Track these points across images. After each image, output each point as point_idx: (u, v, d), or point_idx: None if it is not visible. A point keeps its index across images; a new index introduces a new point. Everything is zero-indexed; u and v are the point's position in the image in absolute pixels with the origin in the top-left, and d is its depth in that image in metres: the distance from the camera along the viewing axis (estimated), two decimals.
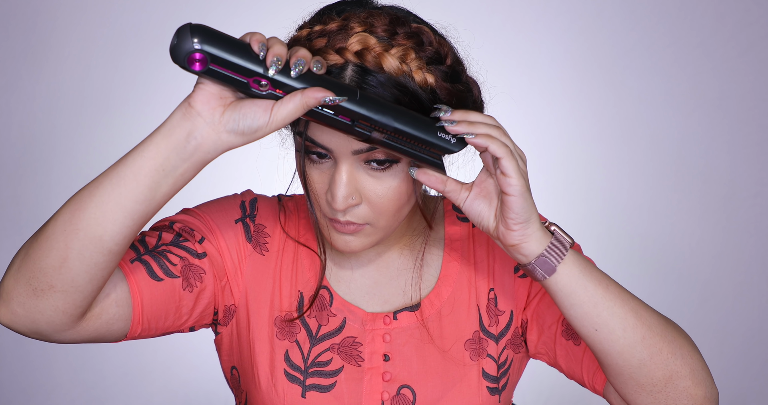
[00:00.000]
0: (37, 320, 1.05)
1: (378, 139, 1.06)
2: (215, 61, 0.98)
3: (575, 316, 1.11)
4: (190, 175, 1.03)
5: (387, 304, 1.26)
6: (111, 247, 1.03)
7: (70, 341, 1.10)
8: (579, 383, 1.25)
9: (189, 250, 1.18)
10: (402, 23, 1.11)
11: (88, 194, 1.02)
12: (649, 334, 1.11)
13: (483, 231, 1.12)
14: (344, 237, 1.15)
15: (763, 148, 2.70)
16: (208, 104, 1.01)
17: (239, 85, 1.00)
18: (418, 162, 1.10)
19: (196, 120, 1.01)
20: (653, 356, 1.11)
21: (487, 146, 1.06)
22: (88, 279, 1.04)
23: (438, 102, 1.11)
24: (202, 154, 1.02)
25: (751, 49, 2.67)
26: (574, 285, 1.10)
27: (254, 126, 1.01)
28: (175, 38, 0.97)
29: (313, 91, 1.01)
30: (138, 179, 1.01)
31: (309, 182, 1.14)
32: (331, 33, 1.10)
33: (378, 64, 1.07)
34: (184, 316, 1.18)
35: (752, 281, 2.73)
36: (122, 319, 1.12)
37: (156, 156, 1.01)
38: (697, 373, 1.12)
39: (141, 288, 1.13)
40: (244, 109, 1.01)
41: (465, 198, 1.11)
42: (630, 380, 1.12)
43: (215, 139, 1.01)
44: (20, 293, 1.04)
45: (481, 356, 1.25)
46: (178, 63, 0.98)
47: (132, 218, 1.03)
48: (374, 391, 1.22)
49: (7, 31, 2.56)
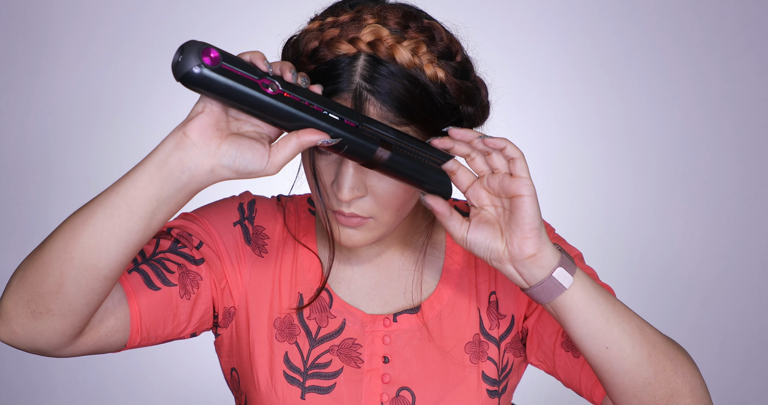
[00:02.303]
0: (36, 340, 1.06)
1: (380, 162, 1.06)
2: (227, 59, 0.97)
3: (587, 334, 1.08)
4: (184, 202, 1.02)
5: (387, 305, 1.26)
6: (106, 273, 1.03)
7: (70, 356, 1.10)
8: (576, 392, 1.24)
9: (186, 256, 1.18)
10: (414, 18, 1.12)
11: (82, 223, 1.01)
12: (654, 351, 1.10)
13: (492, 259, 1.09)
14: (347, 231, 1.15)
15: (763, 148, 2.70)
16: (204, 134, 0.99)
17: (248, 85, 0.98)
18: (421, 189, 1.10)
19: (191, 150, 0.99)
20: (658, 374, 1.10)
21: (505, 146, 1.06)
22: (84, 303, 1.04)
23: (447, 97, 1.11)
24: (196, 184, 1.00)
25: (751, 49, 2.67)
26: (589, 298, 1.08)
27: (249, 168, 1.00)
28: (179, 52, 0.96)
29: (307, 134, 1.00)
30: (132, 210, 1.00)
31: (316, 172, 1.14)
32: (344, 24, 1.10)
33: (390, 55, 1.08)
34: (182, 324, 1.18)
35: (752, 281, 2.73)
36: (121, 330, 1.12)
37: (150, 186, 0.99)
38: (696, 391, 1.12)
39: (139, 298, 1.13)
40: (243, 149, 1.00)
41: (466, 229, 1.09)
42: (633, 399, 1.11)
43: (208, 170, 0.99)
44: (19, 314, 1.04)
45: (481, 359, 1.24)
46: (189, 63, 0.95)
47: (127, 247, 1.02)
48: (373, 393, 1.22)
49: (7, 31, 2.55)
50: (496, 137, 1.07)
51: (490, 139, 1.06)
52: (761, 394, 2.73)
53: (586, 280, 1.08)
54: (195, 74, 0.95)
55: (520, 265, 1.07)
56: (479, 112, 1.17)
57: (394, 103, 1.07)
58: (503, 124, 1.28)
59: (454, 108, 1.13)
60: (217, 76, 0.96)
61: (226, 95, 0.97)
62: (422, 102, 1.09)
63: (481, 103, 1.17)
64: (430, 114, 1.10)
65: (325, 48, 1.09)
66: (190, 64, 0.95)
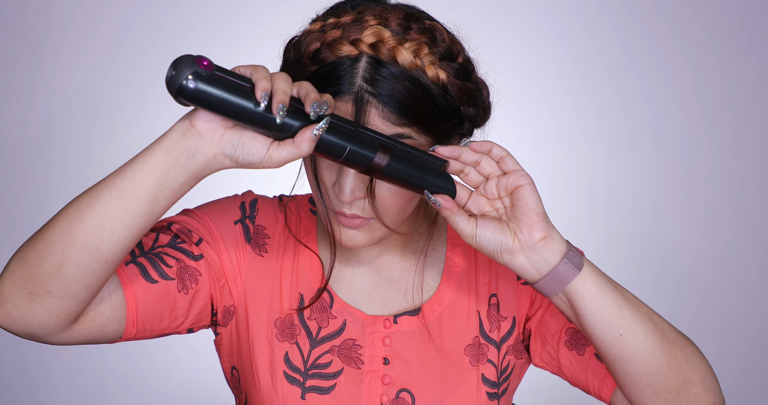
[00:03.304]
0: (30, 323, 1.05)
1: (380, 168, 1.06)
2: (219, 70, 0.98)
3: (601, 321, 1.09)
4: (188, 188, 1.04)
5: (387, 306, 1.26)
6: (108, 256, 1.03)
7: (63, 343, 1.10)
8: (584, 391, 1.24)
9: (185, 251, 1.18)
10: (416, 19, 1.12)
11: (87, 204, 1.02)
12: (665, 339, 1.11)
13: (503, 252, 1.09)
14: (349, 231, 1.15)
15: (763, 148, 2.70)
16: (210, 124, 1.01)
17: (241, 93, 0.98)
18: (423, 194, 1.10)
19: (197, 139, 1.00)
20: (670, 362, 1.10)
21: (491, 148, 1.09)
22: (84, 286, 1.04)
23: (449, 99, 1.11)
24: (199, 171, 1.02)
25: (751, 49, 2.67)
26: (600, 284, 1.09)
27: (248, 159, 1.01)
28: (172, 67, 0.97)
29: (303, 133, 1.00)
30: (138, 193, 1.01)
31: (318, 173, 1.14)
32: (345, 25, 1.10)
33: (392, 57, 1.08)
34: (179, 318, 1.18)
35: (752, 281, 2.73)
36: (116, 321, 1.12)
37: (155, 171, 1.01)
38: (706, 379, 1.13)
39: (135, 291, 1.13)
40: (244, 139, 1.01)
41: (474, 225, 1.10)
42: (647, 388, 1.12)
43: (211, 158, 1.01)
44: (16, 295, 1.04)
45: (480, 361, 1.24)
46: (182, 73, 0.95)
47: (131, 230, 1.03)
48: (373, 394, 1.22)
49: (7, 31, 2.55)
50: (479, 141, 1.10)
51: (476, 143, 1.09)
52: (761, 394, 2.73)
53: (594, 266, 1.10)
54: (189, 83, 0.96)
55: (531, 252, 1.08)
56: (480, 113, 1.17)
57: (396, 105, 1.07)
58: (504, 125, 1.28)
59: (455, 109, 1.13)
60: (211, 85, 0.97)
61: (221, 104, 0.97)
62: (424, 104, 1.09)
63: (482, 104, 1.17)
64: (431, 115, 1.10)
65: (326, 49, 1.09)
66: (184, 73, 0.96)
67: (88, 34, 2.59)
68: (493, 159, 1.10)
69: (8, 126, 2.58)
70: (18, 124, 2.59)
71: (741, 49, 2.67)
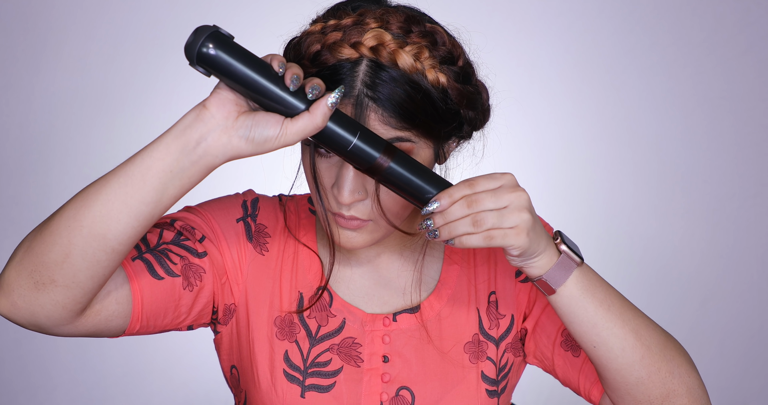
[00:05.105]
0: (37, 313, 1.05)
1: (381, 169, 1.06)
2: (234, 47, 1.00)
3: (575, 332, 1.12)
4: (197, 178, 1.03)
5: (386, 305, 1.26)
6: (114, 245, 1.03)
7: (68, 335, 1.10)
8: (574, 391, 1.25)
9: (189, 249, 1.18)
10: (416, 22, 1.12)
11: (95, 192, 1.02)
12: (648, 354, 1.11)
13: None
14: (347, 233, 1.15)
15: (763, 148, 2.70)
16: (224, 107, 1.01)
17: (256, 61, 0.99)
18: (420, 204, 1.09)
19: (210, 122, 1.00)
20: (651, 375, 1.12)
21: (469, 246, 1.05)
22: (89, 275, 1.04)
23: (449, 102, 1.11)
24: (211, 158, 1.02)
25: (751, 49, 2.67)
26: (574, 306, 1.10)
27: (265, 135, 1.01)
28: (192, 35, 0.99)
29: (319, 105, 1.01)
30: (146, 179, 1.01)
31: (317, 175, 1.14)
32: (346, 27, 1.10)
33: (392, 60, 1.08)
34: (182, 315, 1.19)
35: (752, 281, 2.73)
36: (121, 316, 1.12)
37: (165, 157, 1.01)
38: (693, 391, 1.13)
39: (142, 286, 1.13)
40: (258, 118, 1.01)
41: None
42: (627, 396, 1.13)
43: (225, 142, 1.01)
44: (21, 285, 1.04)
45: (480, 359, 1.24)
46: (200, 40, 0.98)
47: (137, 219, 1.03)
48: (373, 392, 1.22)
49: (7, 31, 2.55)
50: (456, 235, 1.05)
51: (453, 245, 1.05)
52: (761, 394, 2.73)
53: (576, 288, 1.10)
54: (208, 41, 0.98)
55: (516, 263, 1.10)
56: (480, 116, 1.18)
57: (396, 108, 1.07)
58: (504, 126, 1.28)
59: (455, 112, 1.13)
60: (230, 52, 0.99)
61: (236, 68, 0.99)
62: (424, 107, 1.09)
63: (482, 107, 1.17)
64: (431, 119, 1.10)
65: (327, 52, 1.09)
66: (204, 33, 0.98)
67: (88, 34, 2.59)
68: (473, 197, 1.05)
69: (8, 126, 2.58)
70: (18, 124, 2.59)
71: (741, 49, 2.67)
